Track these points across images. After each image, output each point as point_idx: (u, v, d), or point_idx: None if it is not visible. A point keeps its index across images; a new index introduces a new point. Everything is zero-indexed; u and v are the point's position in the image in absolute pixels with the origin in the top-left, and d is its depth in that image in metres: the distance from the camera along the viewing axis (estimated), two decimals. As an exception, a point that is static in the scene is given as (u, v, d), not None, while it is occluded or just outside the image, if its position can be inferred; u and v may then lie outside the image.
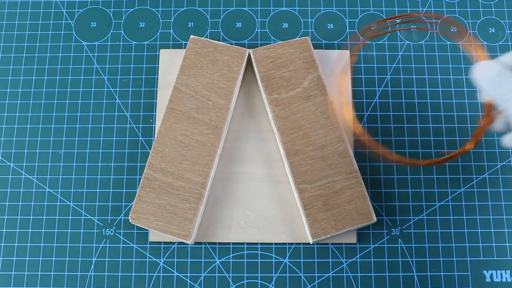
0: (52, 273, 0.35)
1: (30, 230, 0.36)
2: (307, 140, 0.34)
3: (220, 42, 0.37)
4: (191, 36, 0.37)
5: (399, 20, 0.41)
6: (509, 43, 0.40)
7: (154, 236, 0.35)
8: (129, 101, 0.39)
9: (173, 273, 0.35)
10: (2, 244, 0.36)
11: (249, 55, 0.36)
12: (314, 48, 0.40)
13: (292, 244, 0.36)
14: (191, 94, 0.35)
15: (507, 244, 0.36)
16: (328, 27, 0.41)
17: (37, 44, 0.40)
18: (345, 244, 0.36)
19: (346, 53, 0.39)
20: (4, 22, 0.41)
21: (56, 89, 0.39)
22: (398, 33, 0.41)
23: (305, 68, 0.36)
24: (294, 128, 0.34)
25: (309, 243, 0.35)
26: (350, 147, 0.35)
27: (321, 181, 0.33)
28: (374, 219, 0.33)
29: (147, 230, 0.36)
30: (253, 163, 0.37)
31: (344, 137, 0.35)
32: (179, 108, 0.35)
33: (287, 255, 0.36)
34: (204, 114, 0.34)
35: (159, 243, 0.36)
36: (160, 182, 0.33)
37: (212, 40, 0.37)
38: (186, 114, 0.34)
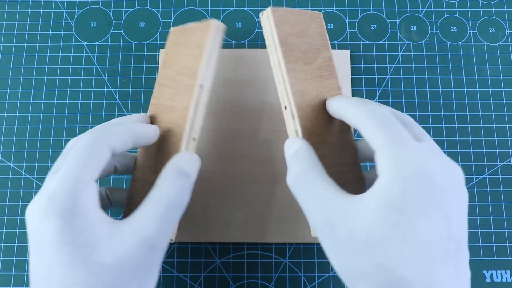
0: (52, 273, 0.35)
1: (30, 230, 0.36)
2: (320, 122, 0.30)
3: (192, 24, 0.33)
4: (171, 28, 0.35)
5: (399, 20, 0.41)
6: (509, 43, 0.40)
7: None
8: (129, 101, 0.39)
9: (173, 273, 0.35)
10: (2, 244, 0.36)
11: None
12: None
13: (292, 244, 0.36)
14: (168, 84, 0.32)
15: (507, 244, 0.36)
16: (328, 27, 0.41)
17: (37, 44, 0.40)
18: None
19: (347, 53, 0.39)
20: (4, 22, 0.41)
21: (56, 89, 0.39)
22: (398, 33, 0.41)
23: (319, 44, 0.32)
24: (310, 106, 0.30)
25: (309, 243, 0.35)
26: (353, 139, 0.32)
27: (332, 168, 0.30)
28: None
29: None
30: (253, 163, 0.37)
31: (350, 128, 0.31)
32: (159, 102, 0.32)
33: (287, 255, 0.36)
34: (177, 100, 0.31)
35: (159, 243, 0.36)
36: (144, 182, 0.30)
37: (186, 24, 0.34)
38: (163, 106, 0.32)
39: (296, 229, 0.35)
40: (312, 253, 0.35)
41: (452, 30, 0.41)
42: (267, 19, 0.31)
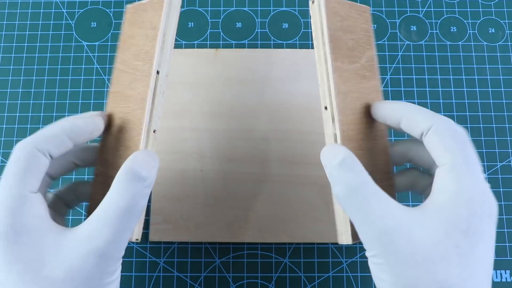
0: (52, 273, 0.35)
1: (30, 230, 0.36)
2: (358, 126, 0.28)
3: (145, 0, 0.30)
4: (127, 5, 0.31)
5: (399, 20, 0.41)
6: (509, 43, 0.40)
7: (154, 236, 0.35)
8: (129, 101, 0.39)
9: (173, 273, 0.35)
10: (2, 244, 0.36)
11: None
12: (314, 48, 0.40)
13: (292, 244, 0.36)
14: (125, 69, 0.29)
15: (507, 244, 0.36)
16: (328, 27, 0.41)
17: (38, 44, 0.40)
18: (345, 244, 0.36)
19: None
20: (5, 22, 0.41)
21: (57, 89, 0.39)
22: (398, 33, 0.41)
23: (364, 42, 0.30)
24: (350, 109, 0.28)
25: (309, 243, 0.35)
26: (389, 145, 0.30)
27: None
28: None
29: (147, 230, 0.36)
30: (253, 163, 0.37)
31: (386, 133, 0.30)
32: (117, 89, 0.29)
33: (287, 255, 0.36)
34: (135, 88, 0.28)
35: (159, 243, 0.36)
36: (105, 176, 0.28)
37: (140, 2, 0.30)
38: (122, 94, 0.29)
39: (296, 229, 0.35)
40: (312, 253, 0.35)
41: (452, 30, 0.41)
42: (318, 8, 0.28)
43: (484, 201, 0.23)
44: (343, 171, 0.25)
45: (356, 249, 0.36)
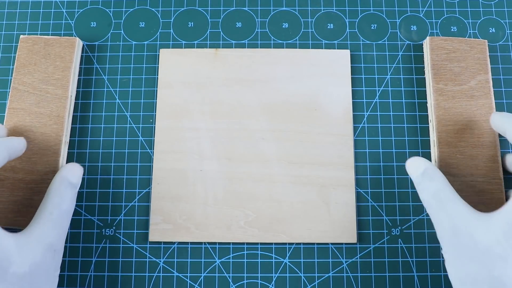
0: (52, 273, 0.35)
1: (30, 230, 0.36)
2: (461, 135, 0.35)
3: (50, 36, 0.38)
4: (21, 36, 0.38)
5: (399, 20, 0.41)
6: (509, 43, 0.40)
7: (154, 236, 0.35)
8: (129, 101, 0.39)
9: (173, 273, 0.35)
10: (2, 244, 0.36)
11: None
12: (314, 48, 0.40)
13: (292, 244, 0.36)
14: (29, 91, 0.36)
15: None
16: (328, 27, 0.41)
17: (37, 44, 0.40)
18: (345, 244, 0.36)
19: (347, 53, 0.39)
20: (4, 22, 0.41)
21: (56, 89, 0.39)
22: (398, 33, 0.41)
23: (476, 68, 0.37)
24: (452, 120, 0.35)
25: (309, 243, 0.35)
26: (499, 155, 0.35)
27: (465, 177, 0.34)
28: None
29: (147, 230, 0.36)
30: (253, 163, 0.37)
31: (497, 144, 0.35)
32: (20, 106, 0.36)
33: (287, 255, 0.36)
34: (45, 107, 0.36)
35: (159, 243, 0.36)
36: (12, 180, 0.34)
37: (42, 36, 0.38)
38: (27, 111, 0.36)
39: (296, 229, 0.35)
40: (312, 253, 0.35)
41: (452, 30, 0.41)
42: (425, 45, 0.38)
43: None
44: (425, 180, 0.30)
45: (356, 249, 0.36)
